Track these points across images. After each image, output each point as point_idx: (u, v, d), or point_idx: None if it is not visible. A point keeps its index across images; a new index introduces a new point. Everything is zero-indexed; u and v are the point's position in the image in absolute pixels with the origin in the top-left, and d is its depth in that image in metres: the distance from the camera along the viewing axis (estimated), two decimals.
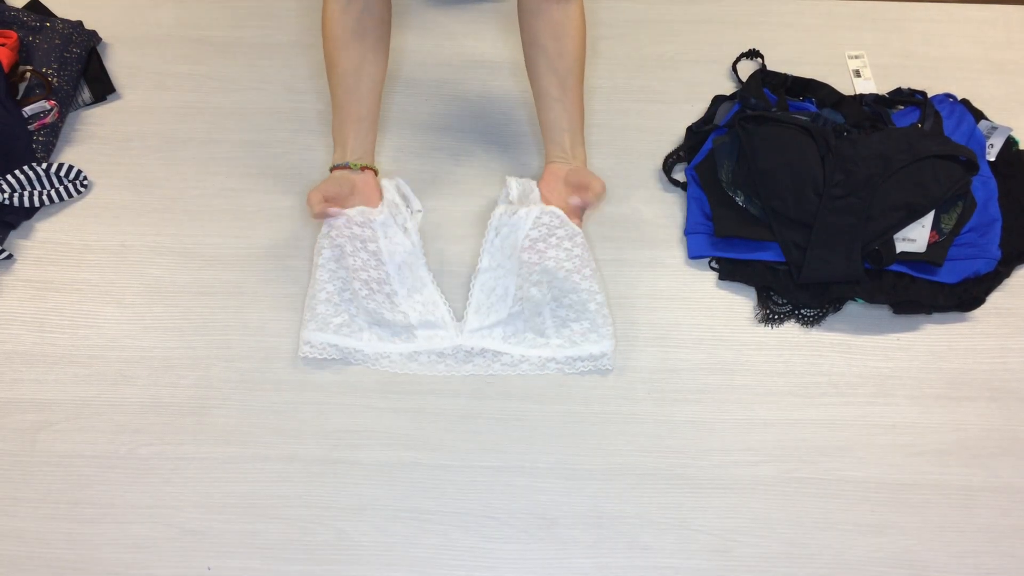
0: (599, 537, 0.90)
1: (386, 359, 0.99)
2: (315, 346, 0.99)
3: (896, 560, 0.90)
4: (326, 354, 0.99)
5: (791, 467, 0.95)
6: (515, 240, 0.99)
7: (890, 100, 1.19)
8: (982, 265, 1.04)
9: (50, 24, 1.21)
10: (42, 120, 1.14)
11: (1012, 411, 0.99)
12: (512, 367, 0.99)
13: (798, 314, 1.04)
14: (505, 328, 0.99)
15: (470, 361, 0.99)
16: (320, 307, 0.99)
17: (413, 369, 0.99)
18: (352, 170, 1.02)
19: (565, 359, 0.99)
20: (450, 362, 0.99)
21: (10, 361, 1.00)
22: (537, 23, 0.99)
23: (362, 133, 1.03)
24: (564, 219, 1.00)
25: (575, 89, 1.02)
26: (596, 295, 0.99)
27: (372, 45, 1.01)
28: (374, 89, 1.03)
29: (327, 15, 1.00)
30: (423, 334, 0.99)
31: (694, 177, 1.12)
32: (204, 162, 1.16)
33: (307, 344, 0.99)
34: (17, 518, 0.91)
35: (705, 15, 1.33)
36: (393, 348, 0.99)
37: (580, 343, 0.99)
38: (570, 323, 0.99)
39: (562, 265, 0.98)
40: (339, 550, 0.89)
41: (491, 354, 0.99)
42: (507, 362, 0.99)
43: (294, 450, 0.95)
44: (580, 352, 0.99)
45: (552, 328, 0.99)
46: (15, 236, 1.09)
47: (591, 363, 0.99)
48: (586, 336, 0.99)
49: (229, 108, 1.21)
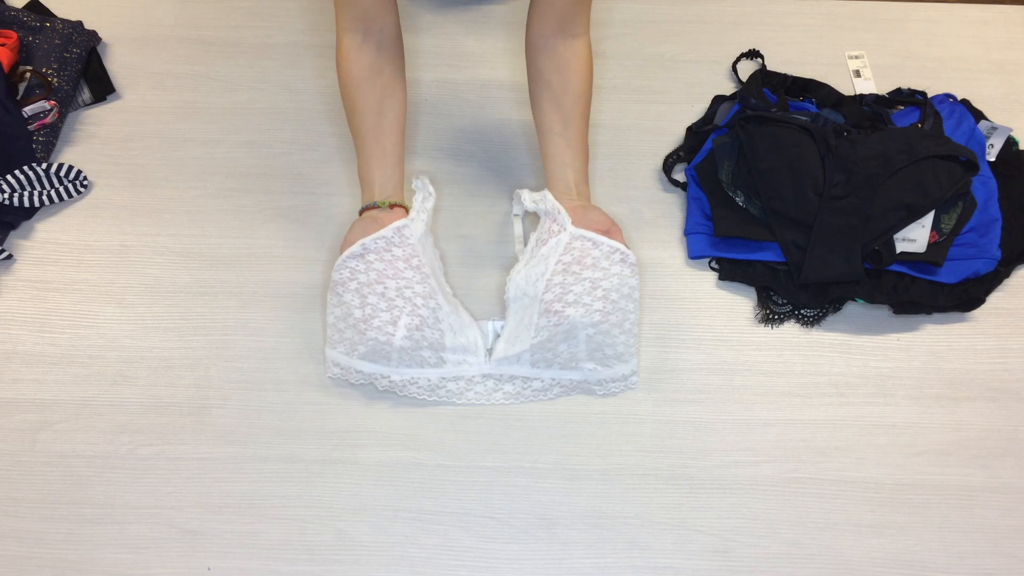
0: (599, 537, 0.90)
1: (414, 385, 0.96)
2: (344, 368, 0.96)
3: (896, 560, 0.90)
4: (352, 379, 0.96)
5: (791, 467, 0.95)
6: (542, 270, 0.95)
7: (890, 100, 1.19)
8: (982, 265, 1.04)
9: (50, 24, 1.21)
10: (42, 120, 1.14)
11: (1012, 411, 0.99)
12: (544, 392, 0.97)
13: (798, 314, 1.04)
14: (533, 355, 0.95)
15: (500, 389, 0.97)
16: (348, 332, 0.95)
17: (441, 396, 0.96)
18: (381, 209, 0.97)
19: (597, 381, 0.97)
20: (479, 389, 0.97)
21: (10, 361, 1.00)
22: (542, 59, 0.98)
23: (388, 169, 0.98)
24: (598, 239, 0.95)
25: (578, 124, 0.99)
26: (633, 323, 0.96)
27: (390, 80, 0.98)
28: (397, 123, 0.99)
29: (342, 55, 0.97)
30: (453, 359, 0.95)
31: (694, 177, 1.12)
32: (204, 162, 1.16)
33: (336, 366, 0.96)
34: (17, 518, 0.91)
35: (705, 15, 1.33)
36: (421, 373, 0.95)
37: (613, 365, 0.96)
38: (604, 347, 0.95)
39: (594, 308, 0.93)
40: (339, 550, 0.89)
41: (520, 380, 0.97)
42: (538, 387, 0.97)
43: (294, 450, 0.95)
44: (613, 374, 0.97)
45: (584, 353, 0.95)
46: (15, 236, 1.09)
47: (622, 383, 0.98)
48: (619, 357, 0.96)
49: (229, 108, 1.21)
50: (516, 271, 0.96)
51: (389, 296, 0.93)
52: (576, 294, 0.93)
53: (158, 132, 1.19)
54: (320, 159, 1.16)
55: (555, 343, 0.94)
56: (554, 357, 0.95)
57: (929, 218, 1.03)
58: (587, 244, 0.95)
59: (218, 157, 1.16)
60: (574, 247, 0.94)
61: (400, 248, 0.94)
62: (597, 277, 0.94)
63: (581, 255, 0.94)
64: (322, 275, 1.06)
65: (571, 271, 0.94)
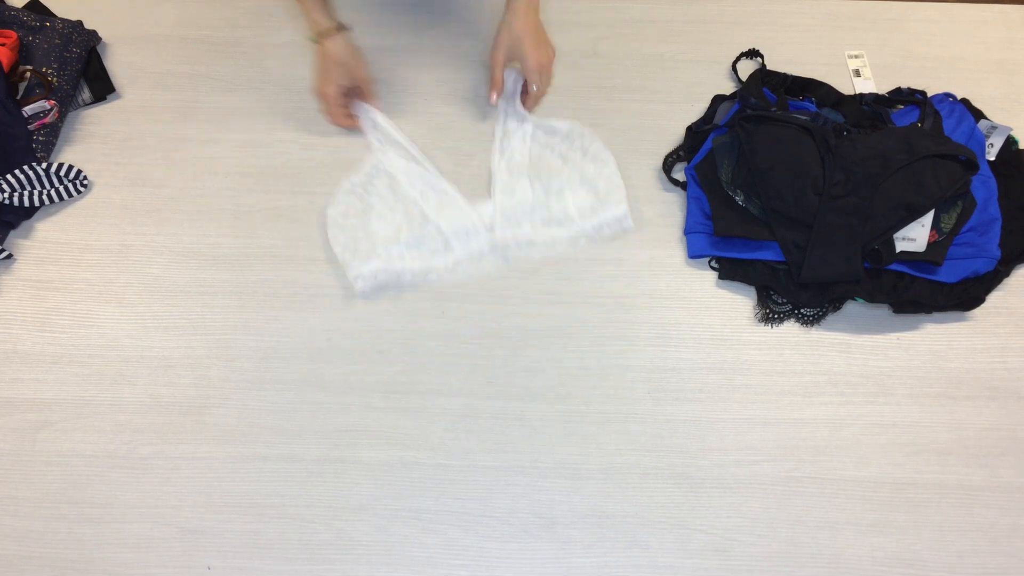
0: (599, 537, 0.90)
1: (433, 273, 1.05)
2: (366, 277, 1.04)
3: (896, 559, 0.90)
4: (378, 280, 1.04)
5: (791, 467, 0.95)
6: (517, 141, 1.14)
7: (890, 100, 1.19)
8: (982, 265, 1.04)
9: (50, 24, 1.21)
10: (42, 120, 1.14)
11: (1012, 410, 0.99)
12: (549, 248, 1.07)
13: (798, 314, 1.04)
14: (531, 218, 1.08)
15: (507, 257, 1.07)
16: (362, 244, 1.05)
17: (458, 278, 1.06)
18: (329, 35, 1.08)
19: (592, 227, 1.08)
20: (489, 259, 1.07)
21: (10, 361, 1.00)
22: None
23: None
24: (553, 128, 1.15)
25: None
26: (607, 162, 1.11)
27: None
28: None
29: None
30: (458, 243, 1.06)
31: (694, 177, 1.12)
32: (204, 162, 1.16)
33: (359, 278, 1.04)
34: (17, 518, 0.91)
35: (705, 15, 1.33)
36: (434, 263, 1.05)
37: (601, 210, 1.08)
38: (589, 195, 1.08)
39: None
40: (339, 550, 0.89)
41: (525, 243, 1.07)
42: (542, 246, 1.08)
43: (294, 450, 0.95)
44: (604, 217, 1.08)
45: (573, 207, 1.08)
46: (15, 236, 1.09)
47: (616, 225, 1.08)
48: (605, 200, 1.08)
49: (229, 108, 1.21)
50: (494, 157, 1.13)
51: (386, 210, 1.08)
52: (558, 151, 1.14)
53: (158, 132, 1.19)
54: (320, 159, 1.16)
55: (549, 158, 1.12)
56: (550, 213, 1.09)
57: (929, 217, 1.03)
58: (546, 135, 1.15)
59: (218, 157, 1.16)
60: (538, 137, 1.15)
61: (379, 180, 1.11)
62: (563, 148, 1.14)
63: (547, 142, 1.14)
64: (322, 275, 1.06)
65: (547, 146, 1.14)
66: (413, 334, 1.02)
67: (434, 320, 1.03)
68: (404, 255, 1.05)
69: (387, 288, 1.05)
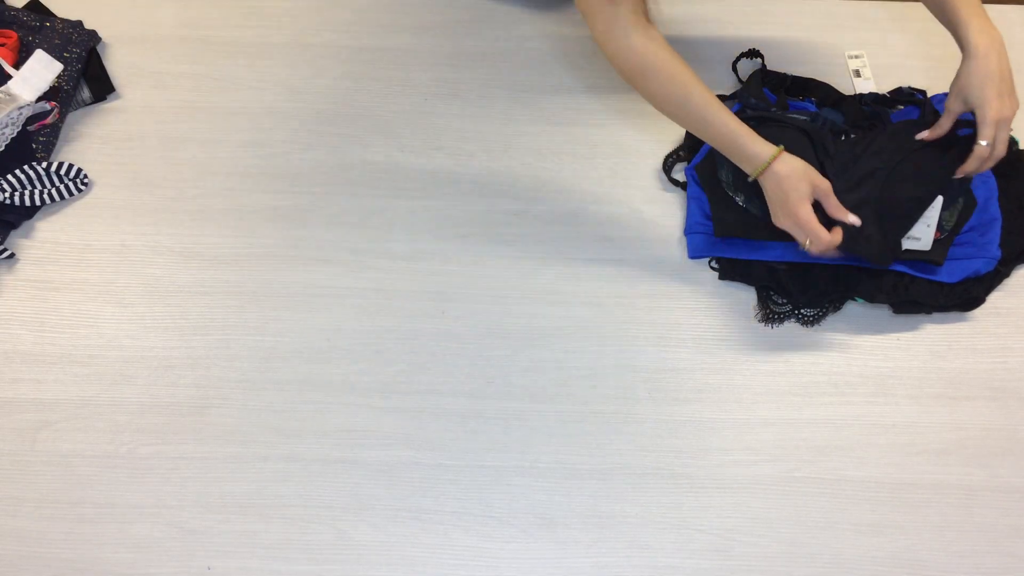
0: (599, 537, 0.90)
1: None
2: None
3: (896, 560, 0.90)
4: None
5: (791, 467, 0.95)
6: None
7: (890, 100, 1.19)
8: (982, 265, 1.04)
9: (50, 24, 1.21)
10: (42, 120, 1.14)
11: (1012, 411, 0.99)
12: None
13: (798, 314, 1.04)
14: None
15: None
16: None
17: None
18: (777, 157, 0.95)
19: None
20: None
21: (10, 361, 1.00)
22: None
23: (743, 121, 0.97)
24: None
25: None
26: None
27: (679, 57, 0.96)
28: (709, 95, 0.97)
29: (633, 51, 0.95)
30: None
31: (694, 177, 1.12)
32: (204, 162, 1.16)
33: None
34: (17, 518, 0.91)
35: (705, 15, 1.33)
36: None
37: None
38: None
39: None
40: (339, 550, 0.89)
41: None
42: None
43: (294, 450, 0.95)
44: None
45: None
46: (15, 235, 1.09)
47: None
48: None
49: (229, 108, 1.21)
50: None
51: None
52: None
53: (158, 132, 1.19)
54: (320, 159, 1.16)
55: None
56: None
57: (935, 217, 1.03)
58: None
59: (218, 157, 1.16)
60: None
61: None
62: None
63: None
64: (322, 275, 1.06)
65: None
66: (413, 334, 1.02)
67: (434, 320, 1.03)
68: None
69: (385, 288, 1.04)
